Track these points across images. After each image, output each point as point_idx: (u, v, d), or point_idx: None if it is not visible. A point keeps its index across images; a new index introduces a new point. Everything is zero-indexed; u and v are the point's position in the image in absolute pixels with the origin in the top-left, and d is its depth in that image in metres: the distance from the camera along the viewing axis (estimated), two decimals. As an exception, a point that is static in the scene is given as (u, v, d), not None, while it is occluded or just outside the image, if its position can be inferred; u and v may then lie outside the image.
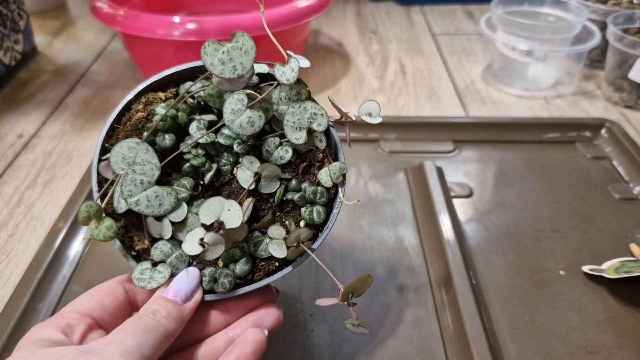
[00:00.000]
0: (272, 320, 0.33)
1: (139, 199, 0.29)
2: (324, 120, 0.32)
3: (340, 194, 0.33)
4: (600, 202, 0.55)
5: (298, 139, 0.32)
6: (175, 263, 0.31)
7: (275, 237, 0.32)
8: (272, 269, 0.33)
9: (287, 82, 0.31)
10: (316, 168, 0.34)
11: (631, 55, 0.68)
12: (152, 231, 0.31)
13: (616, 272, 0.44)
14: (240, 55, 0.31)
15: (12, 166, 0.60)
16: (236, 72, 0.31)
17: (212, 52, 0.31)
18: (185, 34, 0.62)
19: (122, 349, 0.26)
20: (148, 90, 0.36)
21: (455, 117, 0.68)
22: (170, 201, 0.30)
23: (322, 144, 0.33)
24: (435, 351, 0.40)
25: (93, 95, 0.75)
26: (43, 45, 0.90)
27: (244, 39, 0.31)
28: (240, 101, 0.31)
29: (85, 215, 0.30)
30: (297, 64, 0.31)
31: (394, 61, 0.86)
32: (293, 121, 0.32)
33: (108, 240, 0.30)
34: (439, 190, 0.53)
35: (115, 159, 0.30)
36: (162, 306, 0.29)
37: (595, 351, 0.40)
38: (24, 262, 0.47)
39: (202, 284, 0.31)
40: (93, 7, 0.69)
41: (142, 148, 0.31)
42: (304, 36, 0.76)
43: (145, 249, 0.32)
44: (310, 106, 0.32)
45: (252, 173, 0.32)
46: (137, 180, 0.30)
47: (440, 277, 0.45)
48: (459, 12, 1.07)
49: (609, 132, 0.64)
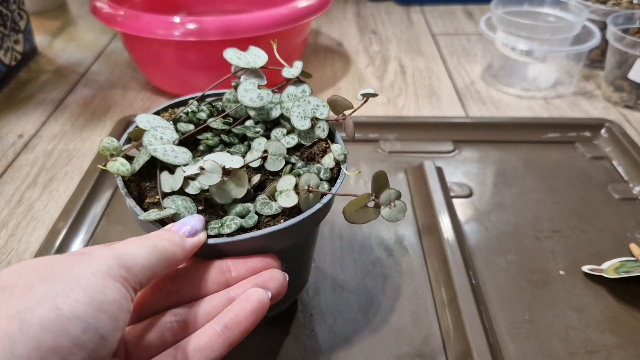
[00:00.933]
0: (275, 284, 0.32)
1: (157, 148, 0.33)
2: (325, 110, 0.37)
3: (342, 167, 0.36)
4: (600, 202, 0.55)
5: (303, 126, 0.36)
6: (183, 211, 0.32)
7: (284, 188, 0.33)
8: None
9: (291, 77, 0.38)
10: (320, 157, 0.37)
11: (631, 56, 0.68)
12: (164, 185, 0.33)
13: (616, 272, 0.44)
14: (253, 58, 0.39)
15: (13, 166, 0.60)
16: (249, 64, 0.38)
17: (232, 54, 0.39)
18: (185, 34, 0.62)
19: (115, 254, 0.25)
20: (175, 106, 0.41)
21: (455, 117, 0.68)
22: (185, 157, 0.33)
23: (324, 133, 0.37)
24: (435, 351, 0.40)
25: (93, 95, 0.75)
26: (43, 45, 0.90)
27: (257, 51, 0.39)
28: (253, 84, 0.38)
29: (105, 145, 0.33)
30: (300, 64, 0.39)
31: (394, 61, 0.86)
32: (299, 112, 0.37)
33: (120, 174, 0.32)
34: (438, 190, 0.53)
35: (141, 119, 0.35)
36: (164, 231, 0.29)
37: (595, 351, 0.40)
38: (24, 262, 0.47)
39: (208, 230, 0.31)
40: (93, 7, 0.69)
41: (164, 123, 0.35)
42: (304, 36, 0.76)
43: (154, 202, 0.33)
44: (314, 99, 0.37)
45: (260, 153, 0.36)
46: (157, 136, 0.33)
47: (440, 277, 0.46)
48: (458, 12, 1.07)
49: (609, 132, 0.64)
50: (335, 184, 0.35)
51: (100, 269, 0.24)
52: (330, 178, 0.36)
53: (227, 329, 0.29)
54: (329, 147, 0.37)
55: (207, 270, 0.31)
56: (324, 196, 0.34)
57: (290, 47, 0.72)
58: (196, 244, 0.30)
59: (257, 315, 0.30)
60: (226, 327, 0.29)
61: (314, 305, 0.43)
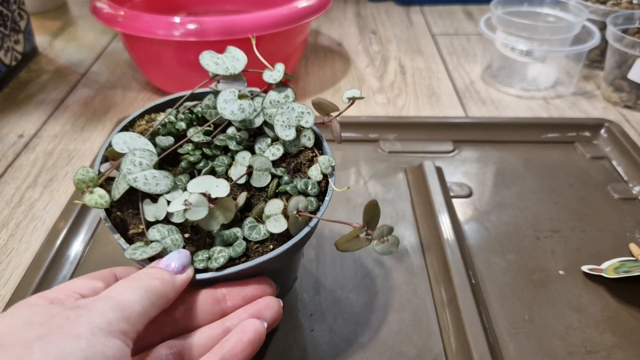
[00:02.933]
0: (271, 313, 0.32)
1: (137, 177, 0.31)
2: (310, 117, 0.35)
3: (330, 182, 0.35)
4: (599, 202, 0.55)
5: (288, 136, 0.35)
6: (169, 245, 0.31)
7: (272, 212, 0.32)
8: (266, 252, 0.33)
9: (273, 82, 0.36)
10: (306, 167, 0.36)
11: (630, 56, 0.68)
12: (147, 214, 0.32)
13: (615, 272, 0.44)
14: (231, 61, 0.37)
15: (13, 166, 0.60)
16: (228, 70, 0.36)
17: (208, 57, 0.36)
18: (186, 34, 0.62)
19: (113, 304, 0.25)
20: (151, 111, 0.39)
21: (455, 117, 0.68)
22: (166, 183, 0.32)
23: (310, 142, 0.36)
24: (435, 351, 0.40)
25: (94, 95, 0.75)
26: (44, 45, 0.90)
27: (236, 52, 0.37)
28: (232, 93, 0.35)
29: (81, 178, 0.31)
30: (282, 67, 0.36)
31: (394, 61, 0.86)
32: (282, 120, 0.35)
33: (99, 207, 0.31)
34: (438, 190, 0.53)
35: (117, 141, 0.33)
36: (154, 269, 0.29)
37: (595, 351, 0.40)
38: (24, 262, 0.48)
39: (195, 264, 0.31)
40: (93, 7, 0.69)
41: (142, 141, 0.33)
42: (304, 36, 0.76)
43: (139, 233, 0.32)
44: (298, 106, 0.35)
45: (244, 168, 0.34)
46: (136, 161, 0.31)
47: (440, 277, 0.46)
48: (458, 13, 1.07)
49: (609, 132, 0.64)
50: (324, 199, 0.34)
51: (100, 326, 0.24)
52: (319, 192, 0.35)
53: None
54: (315, 156, 0.36)
55: (202, 301, 0.31)
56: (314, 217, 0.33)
57: (290, 47, 0.72)
58: (185, 281, 0.30)
59: (254, 346, 0.30)
60: (223, 359, 0.29)
61: (314, 305, 0.43)
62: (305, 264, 0.47)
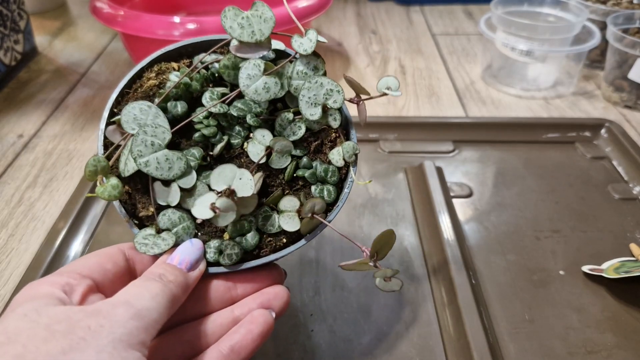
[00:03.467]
0: (280, 303, 0.32)
1: (148, 160, 0.29)
2: (340, 97, 0.32)
3: (351, 172, 0.33)
4: (599, 202, 0.55)
5: (313, 115, 0.31)
6: (181, 234, 0.30)
7: (287, 209, 0.31)
8: (279, 246, 0.32)
9: (304, 53, 0.31)
10: (328, 147, 0.33)
11: (631, 56, 0.68)
12: (158, 198, 0.30)
13: (616, 272, 0.44)
14: (259, 22, 0.31)
15: (13, 166, 0.60)
16: (254, 37, 0.31)
17: (232, 16, 0.31)
18: (185, 34, 0.62)
19: (132, 312, 0.25)
20: (161, 60, 0.35)
21: (455, 117, 0.68)
22: (180, 166, 0.30)
23: (336, 123, 0.33)
24: (435, 351, 0.40)
25: (93, 95, 0.75)
26: (43, 45, 0.90)
27: (263, 9, 0.31)
28: (257, 67, 0.31)
29: (92, 169, 0.29)
30: (315, 35, 0.31)
31: (394, 61, 0.86)
32: (309, 96, 0.31)
33: (112, 199, 0.29)
34: (438, 190, 0.53)
35: (127, 117, 0.30)
36: (168, 271, 0.29)
37: (595, 351, 0.40)
38: (24, 262, 0.48)
39: (207, 255, 0.31)
40: (93, 7, 0.69)
41: (153, 112, 0.30)
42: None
43: (149, 216, 0.31)
44: (327, 82, 0.31)
45: (263, 147, 0.31)
46: (147, 141, 0.29)
47: (440, 277, 0.46)
48: (458, 12, 1.07)
49: (609, 132, 0.64)
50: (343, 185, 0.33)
51: (122, 338, 0.24)
52: (338, 180, 0.33)
53: (233, 352, 0.29)
54: (339, 137, 0.33)
55: (213, 288, 0.31)
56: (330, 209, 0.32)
57: (289, 47, 0.72)
58: (197, 278, 0.30)
59: (263, 337, 0.30)
60: (232, 349, 0.29)
61: (314, 305, 0.43)
62: (306, 264, 0.47)
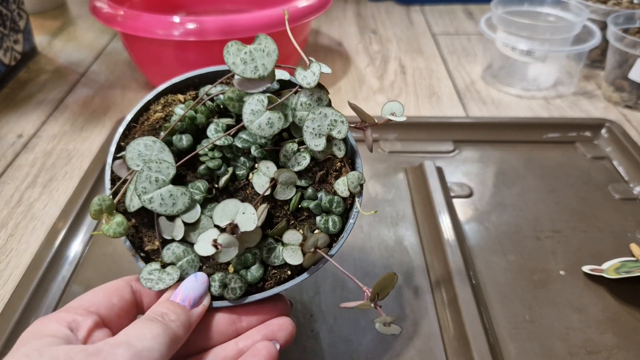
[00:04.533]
0: (284, 335, 0.32)
1: (152, 197, 0.29)
2: (344, 127, 0.32)
3: (357, 203, 0.33)
4: (600, 202, 0.55)
5: (317, 146, 0.31)
6: (186, 267, 0.31)
7: (291, 242, 0.31)
8: (283, 278, 0.32)
9: (307, 86, 0.31)
10: (333, 177, 0.33)
11: (631, 55, 0.68)
12: (163, 232, 0.31)
13: (616, 272, 0.44)
14: (262, 57, 0.31)
15: (12, 166, 0.60)
16: (257, 72, 0.31)
17: (234, 51, 0.31)
18: (185, 34, 0.62)
19: (132, 352, 0.25)
20: (168, 92, 0.36)
21: (455, 117, 0.68)
22: (184, 201, 0.30)
23: (341, 152, 0.33)
24: (435, 351, 0.40)
25: (93, 95, 0.75)
26: (43, 45, 0.90)
27: (266, 42, 0.31)
28: (261, 102, 0.31)
29: (97, 208, 0.29)
30: (318, 68, 0.31)
31: (394, 61, 0.86)
32: (313, 127, 0.31)
33: (118, 236, 0.30)
34: (439, 190, 0.53)
35: (131, 154, 0.30)
36: (170, 310, 0.29)
37: (595, 351, 0.40)
38: (24, 262, 0.47)
39: (211, 289, 0.31)
40: (93, 7, 0.69)
41: (158, 147, 0.31)
42: (304, 36, 0.76)
43: (154, 250, 0.32)
44: (331, 113, 0.32)
45: (268, 179, 0.32)
46: (152, 177, 0.29)
47: (440, 277, 0.45)
48: (459, 12, 1.07)
49: (609, 132, 0.64)
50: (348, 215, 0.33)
51: None
52: (344, 210, 0.33)
53: None
54: (344, 166, 0.34)
55: (217, 322, 0.31)
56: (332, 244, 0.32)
57: (290, 47, 0.72)
58: (201, 314, 0.30)
59: None
60: None
61: (314, 305, 0.43)
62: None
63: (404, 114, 0.34)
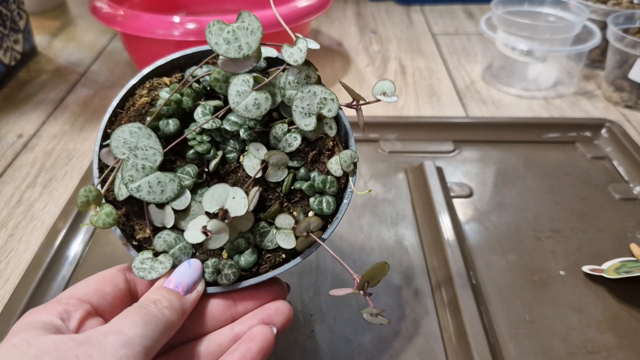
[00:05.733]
0: (281, 318, 0.31)
1: (140, 185, 0.29)
2: (334, 105, 0.31)
3: (350, 183, 0.32)
4: (600, 202, 0.55)
5: (307, 125, 0.31)
6: (178, 255, 0.30)
7: (283, 226, 0.31)
8: (278, 261, 0.32)
9: (294, 64, 0.30)
10: (326, 157, 0.33)
11: (631, 55, 0.68)
12: (154, 220, 0.30)
13: (616, 272, 0.44)
14: (246, 35, 0.30)
15: (12, 166, 0.60)
16: (242, 52, 0.30)
17: (216, 31, 0.30)
18: (185, 34, 0.62)
19: (123, 340, 0.24)
20: (153, 75, 0.35)
21: (455, 117, 0.68)
22: (173, 188, 0.29)
23: (332, 131, 0.32)
24: (435, 351, 0.40)
25: (93, 95, 0.75)
26: (43, 45, 0.90)
27: (250, 19, 0.30)
28: (246, 82, 0.30)
29: (84, 200, 0.29)
30: (305, 44, 0.31)
31: (394, 61, 0.86)
32: (302, 106, 0.30)
33: (107, 227, 0.29)
34: (439, 190, 0.53)
35: (116, 143, 0.29)
36: (163, 296, 0.28)
37: (596, 351, 0.40)
38: (23, 262, 0.47)
39: (205, 275, 0.30)
40: (93, 7, 0.69)
41: (144, 133, 0.30)
42: (304, 36, 0.76)
43: (146, 238, 0.31)
44: (320, 90, 0.31)
45: (259, 161, 0.31)
46: (138, 165, 0.29)
47: (440, 277, 0.45)
48: (459, 12, 1.07)
49: (609, 132, 0.64)
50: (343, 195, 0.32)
51: None
52: (338, 190, 0.32)
53: None
54: (337, 145, 0.33)
55: (212, 307, 0.31)
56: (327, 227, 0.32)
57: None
58: (195, 300, 0.30)
59: (262, 354, 0.29)
60: None
61: (314, 305, 0.43)
62: (305, 264, 0.47)
63: (396, 94, 0.33)
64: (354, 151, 0.32)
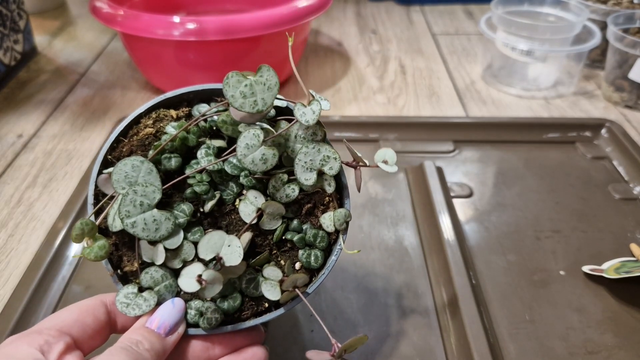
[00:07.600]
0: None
1: (135, 221, 0.29)
2: (336, 164, 0.32)
3: (341, 240, 0.33)
4: (600, 202, 0.55)
5: (307, 180, 0.31)
6: (163, 292, 0.30)
7: (270, 278, 0.31)
8: (260, 310, 0.32)
9: (306, 124, 0.30)
10: (320, 211, 0.33)
11: (631, 55, 0.68)
12: (143, 255, 0.30)
13: (616, 272, 0.44)
14: (262, 91, 0.30)
15: (12, 166, 0.60)
16: (256, 107, 0.30)
17: (234, 83, 0.30)
18: (185, 34, 0.62)
19: None
20: (160, 106, 0.35)
21: (455, 117, 0.68)
22: (167, 227, 0.29)
23: (331, 189, 0.32)
24: (435, 351, 0.40)
25: (93, 95, 0.75)
26: (43, 45, 0.90)
27: (269, 74, 0.30)
28: (256, 137, 0.30)
29: (79, 232, 0.29)
30: (319, 107, 0.31)
31: (394, 61, 0.86)
32: (305, 161, 0.31)
33: (99, 260, 0.29)
34: (439, 190, 0.53)
35: (118, 177, 0.29)
36: (145, 337, 0.28)
37: (596, 351, 0.40)
38: (23, 262, 0.47)
39: (187, 316, 0.30)
40: (93, 7, 0.69)
41: (146, 168, 0.30)
42: (304, 36, 0.76)
43: (133, 271, 0.31)
44: (325, 149, 0.31)
45: (255, 208, 0.31)
46: (137, 201, 0.29)
47: (440, 277, 0.45)
48: (459, 12, 1.07)
49: (609, 132, 0.64)
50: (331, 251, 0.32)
51: None
52: (327, 245, 0.33)
53: None
54: (332, 201, 0.33)
55: (191, 348, 0.31)
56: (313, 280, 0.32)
57: (287, 49, 0.72)
58: (175, 342, 0.30)
59: None
60: None
61: (314, 305, 0.43)
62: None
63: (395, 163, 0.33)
64: (348, 210, 0.33)
